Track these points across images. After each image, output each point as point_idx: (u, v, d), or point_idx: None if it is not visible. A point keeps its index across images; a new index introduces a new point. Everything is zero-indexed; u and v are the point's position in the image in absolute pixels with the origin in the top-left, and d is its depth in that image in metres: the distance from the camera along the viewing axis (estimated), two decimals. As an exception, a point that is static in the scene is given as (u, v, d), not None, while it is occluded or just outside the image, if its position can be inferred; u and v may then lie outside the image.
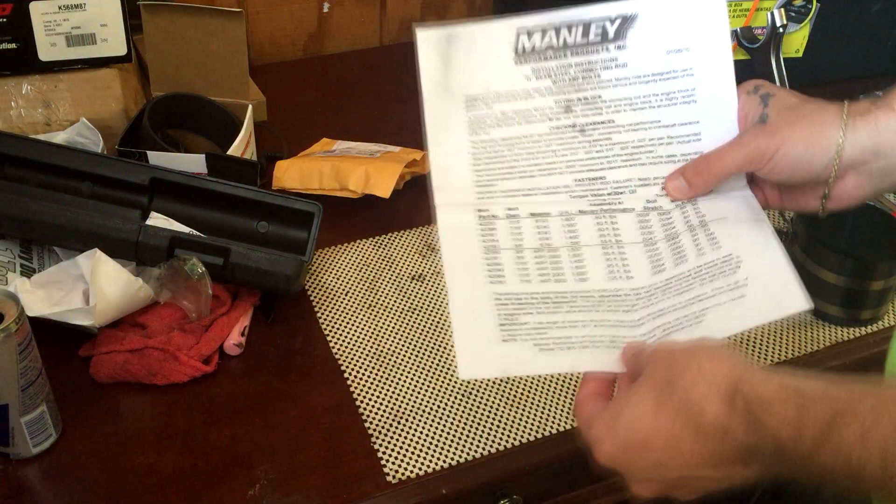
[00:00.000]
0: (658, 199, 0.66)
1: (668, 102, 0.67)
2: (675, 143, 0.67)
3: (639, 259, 0.64)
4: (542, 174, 0.67)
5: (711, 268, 0.63)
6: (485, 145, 0.67)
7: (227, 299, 0.82)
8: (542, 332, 0.61)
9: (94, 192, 0.83)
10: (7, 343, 0.63)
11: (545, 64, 0.68)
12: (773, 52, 1.02)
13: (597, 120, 0.67)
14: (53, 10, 0.92)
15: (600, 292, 0.63)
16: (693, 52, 0.68)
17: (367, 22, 1.36)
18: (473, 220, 0.65)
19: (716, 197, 0.66)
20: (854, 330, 0.85)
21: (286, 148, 1.07)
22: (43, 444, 0.70)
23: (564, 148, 0.67)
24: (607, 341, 0.60)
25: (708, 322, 0.60)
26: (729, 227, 0.64)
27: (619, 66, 0.67)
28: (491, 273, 0.63)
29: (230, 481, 0.69)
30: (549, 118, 0.67)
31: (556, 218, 0.66)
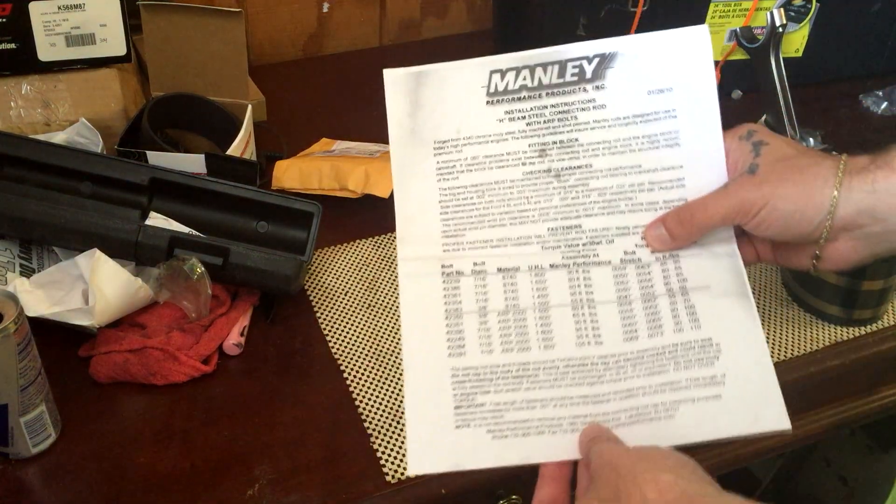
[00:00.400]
0: (637, 251, 0.62)
1: (649, 146, 0.63)
2: (658, 188, 0.63)
3: (611, 321, 0.60)
4: (513, 223, 0.63)
5: (688, 350, 0.58)
6: (454, 192, 0.64)
7: (226, 299, 0.82)
8: (499, 415, 0.57)
9: (93, 192, 0.83)
10: (6, 343, 0.63)
11: (519, 105, 0.65)
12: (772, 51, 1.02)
13: (573, 164, 0.64)
14: (53, 10, 0.92)
15: (566, 361, 0.59)
16: (676, 93, 0.64)
17: (367, 22, 1.35)
18: (437, 278, 0.61)
19: (700, 253, 0.62)
20: (854, 330, 0.85)
21: (286, 148, 1.07)
22: (42, 444, 0.70)
23: (538, 195, 0.63)
24: (566, 423, 0.57)
25: (679, 420, 0.56)
26: (711, 302, 0.60)
27: (598, 107, 0.64)
28: (451, 343, 0.60)
29: (229, 481, 0.69)
30: (523, 163, 0.64)
31: (525, 274, 0.62)
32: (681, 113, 0.64)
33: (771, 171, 0.59)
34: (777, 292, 0.89)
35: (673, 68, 0.64)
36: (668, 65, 0.64)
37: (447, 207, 0.64)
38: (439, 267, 0.62)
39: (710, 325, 0.59)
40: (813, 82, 1.23)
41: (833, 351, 0.83)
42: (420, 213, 0.64)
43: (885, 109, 1.20)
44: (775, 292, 0.89)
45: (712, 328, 0.59)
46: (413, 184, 0.64)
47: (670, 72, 0.64)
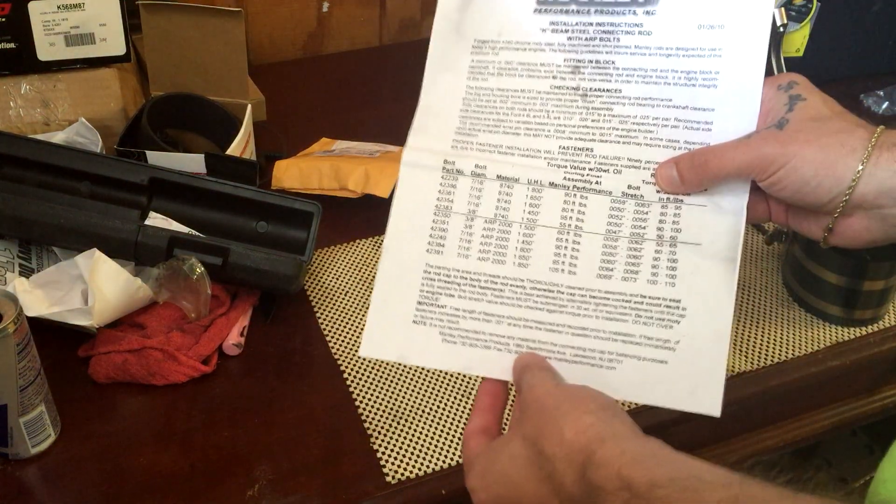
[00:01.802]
0: (642, 186, 0.60)
1: (685, 82, 0.61)
2: (682, 127, 0.61)
3: (590, 254, 0.60)
4: (527, 134, 0.63)
5: (653, 306, 0.58)
6: (479, 93, 0.64)
7: (226, 299, 0.81)
8: (454, 321, 0.59)
9: (92, 191, 0.83)
10: (5, 343, 0.63)
11: (565, 17, 0.63)
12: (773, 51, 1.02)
13: (603, 87, 0.63)
14: (52, 10, 0.92)
15: (534, 283, 0.60)
16: (726, 32, 0.61)
17: (367, 22, 1.35)
18: (437, 172, 0.62)
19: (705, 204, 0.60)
20: (854, 330, 0.85)
21: (285, 148, 1.07)
22: (41, 445, 0.70)
23: (560, 110, 0.63)
24: (513, 344, 0.58)
25: (619, 373, 0.56)
26: (696, 261, 0.59)
27: (643, 33, 0.62)
28: (432, 240, 0.61)
29: (229, 481, 0.68)
30: (554, 76, 0.63)
31: (522, 186, 0.62)
32: (726, 54, 0.62)
33: (799, 130, 0.55)
34: (778, 293, 0.89)
35: (729, 5, 0.62)
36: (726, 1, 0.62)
37: (468, 105, 0.64)
38: (442, 162, 0.62)
39: (684, 286, 0.58)
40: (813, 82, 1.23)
41: (834, 351, 0.83)
42: (441, 106, 0.64)
43: (886, 109, 1.20)
44: (776, 292, 0.89)
45: (685, 289, 0.58)
46: (443, 77, 0.64)
47: (726, 8, 0.62)
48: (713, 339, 0.57)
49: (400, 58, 1.34)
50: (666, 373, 0.57)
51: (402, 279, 0.60)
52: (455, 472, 0.71)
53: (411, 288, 0.60)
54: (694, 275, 0.59)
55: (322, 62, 1.33)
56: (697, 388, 0.56)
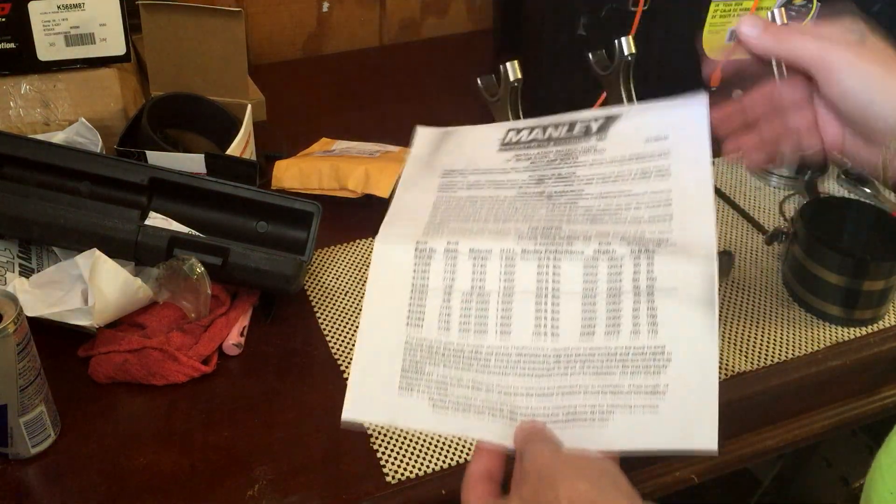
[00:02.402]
0: (612, 245, 0.62)
1: (640, 176, 0.65)
2: (644, 207, 0.64)
3: (571, 315, 0.61)
4: (496, 221, 0.64)
5: (639, 356, 0.59)
6: (449, 200, 0.66)
7: (226, 299, 0.81)
8: (443, 388, 0.59)
9: (92, 191, 0.83)
10: (5, 343, 0.63)
11: (527, 151, 0.68)
12: (773, 51, 1.02)
13: (566, 190, 0.66)
14: (52, 10, 0.92)
15: (519, 350, 0.60)
16: (671, 139, 0.66)
17: (367, 22, 1.35)
18: (410, 253, 0.63)
19: (676, 252, 0.61)
20: (854, 330, 0.85)
21: (285, 148, 1.07)
22: (41, 445, 0.70)
23: (527, 207, 0.65)
24: (507, 411, 0.58)
25: (611, 426, 0.57)
26: (674, 308, 0.60)
27: (598, 151, 0.67)
28: (411, 315, 0.61)
29: (229, 482, 0.68)
30: (520, 187, 0.66)
31: (495, 258, 0.62)
32: (673, 153, 0.65)
33: (876, 47, 0.55)
34: (778, 292, 0.89)
35: (671, 122, 0.66)
36: (667, 120, 0.66)
37: (438, 208, 0.65)
38: (414, 244, 0.63)
39: (667, 333, 0.59)
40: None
41: (834, 351, 0.83)
42: (412, 208, 0.65)
43: (886, 109, 1.20)
44: (776, 292, 0.89)
45: (668, 336, 0.59)
46: (413, 191, 0.66)
47: (668, 125, 0.66)
48: (701, 378, 0.58)
49: (400, 58, 1.34)
50: (658, 418, 0.57)
51: (383, 349, 0.61)
52: (455, 472, 0.71)
53: (393, 357, 0.60)
54: (675, 321, 0.59)
55: (322, 62, 1.33)
56: (691, 427, 0.56)
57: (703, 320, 0.59)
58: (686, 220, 0.63)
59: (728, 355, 0.81)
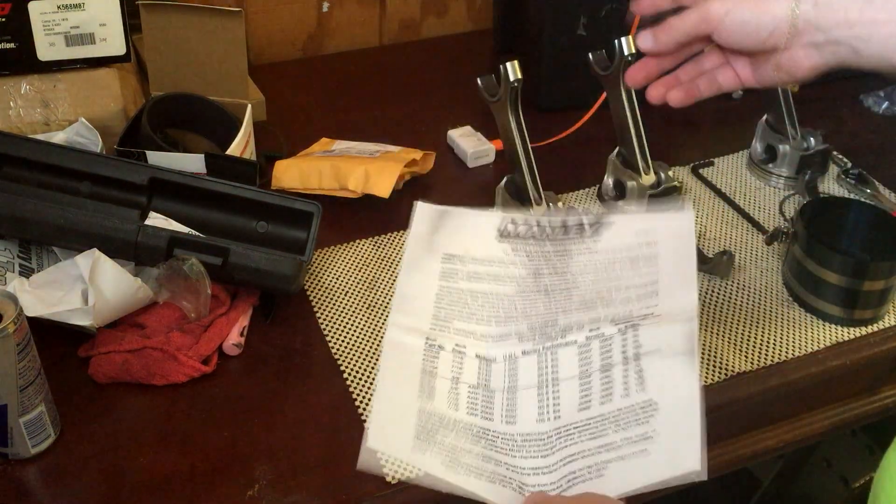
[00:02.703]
0: (601, 326, 0.68)
1: (630, 266, 0.70)
2: (633, 289, 0.69)
3: (569, 396, 0.66)
4: (498, 324, 0.69)
5: (629, 413, 0.65)
6: (451, 291, 0.70)
7: (226, 299, 0.81)
8: (455, 456, 0.63)
9: (92, 192, 0.83)
10: (5, 343, 0.63)
11: (524, 245, 0.72)
12: (773, 51, 1.02)
13: (562, 285, 0.71)
14: (52, 10, 0.92)
15: (524, 436, 0.65)
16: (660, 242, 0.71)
17: (367, 22, 1.35)
18: (420, 344, 0.67)
19: (660, 322, 0.67)
20: (854, 330, 0.85)
21: (285, 148, 1.07)
22: (41, 445, 0.70)
23: (525, 304, 0.70)
24: (515, 485, 0.62)
25: (607, 478, 0.62)
26: (659, 364, 0.66)
27: (591, 251, 0.71)
28: (422, 390, 0.65)
29: (229, 482, 0.68)
30: (518, 283, 0.71)
31: (500, 363, 0.68)
32: (661, 251, 0.71)
33: None
34: (778, 293, 0.89)
35: (659, 227, 0.72)
36: (656, 226, 0.72)
37: (441, 300, 0.70)
38: (424, 338, 0.68)
39: (654, 387, 0.66)
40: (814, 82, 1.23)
41: (834, 351, 0.83)
42: (417, 296, 0.70)
43: (886, 109, 1.20)
44: (776, 293, 0.89)
45: (655, 390, 0.65)
46: (417, 276, 0.70)
47: (657, 230, 0.72)
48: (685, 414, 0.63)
49: (400, 58, 1.34)
50: (649, 459, 0.63)
51: (396, 415, 0.64)
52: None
53: (406, 423, 0.64)
54: (659, 374, 0.66)
55: (322, 62, 1.33)
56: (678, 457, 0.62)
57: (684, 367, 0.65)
58: (671, 293, 0.69)
59: (728, 355, 0.81)
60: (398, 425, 0.63)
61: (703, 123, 1.19)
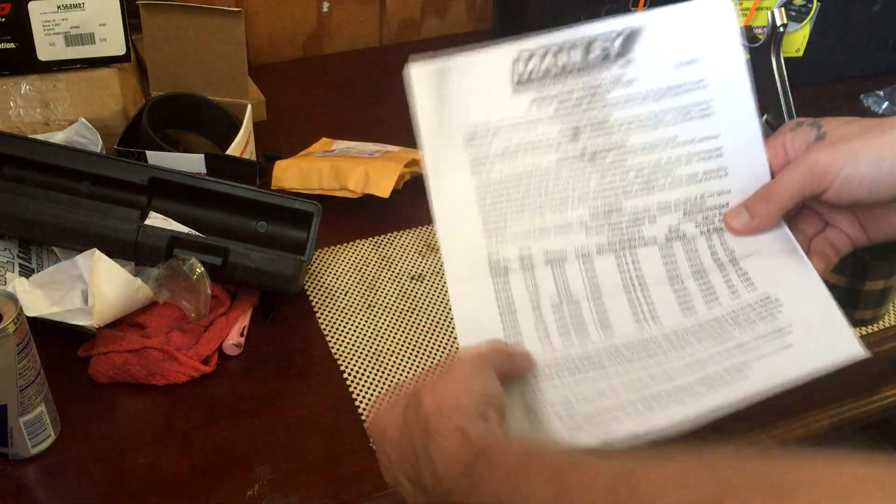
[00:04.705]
0: (682, 226, 0.62)
1: (683, 118, 0.63)
2: (696, 160, 0.62)
3: (665, 299, 0.59)
4: (553, 211, 0.62)
5: (749, 311, 0.58)
6: (489, 188, 0.63)
7: (226, 299, 0.81)
8: (570, 410, 0.56)
9: (92, 191, 0.83)
10: (6, 343, 0.63)
11: (546, 90, 0.63)
12: (773, 51, 1.02)
13: (607, 144, 0.63)
14: (52, 10, 0.92)
15: (627, 343, 0.58)
16: (704, 62, 0.63)
17: (367, 22, 1.35)
18: (487, 280, 0.61)
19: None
20: (855, 330, 0.85)
21: (285, 148, 1.07)
22: (41, 445, 0.70)
23: (575, 179, 0.62)
24: (640, 405, 0.55)
25: (753, 375, 0.55)
26: (763, 263, 0.59)
27: (627, 83, 0.63)
28: (510, 342, 0.58)
29: (229, 482, 0.68)
30: (556, 147, 0.63)
31: (573, 263, 0.61)
32: (711, 82, 0.63)
33: (842, 132, 0.55)
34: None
35: (699, 38, 0.63)
36: (694, 35, 0.63)
37: (485, 202, 0.63)
38: (487, 267, 0.61)
39: (766, 284, 0.59)
40: (813, 82, 1.23)
41: (834, 351, 0.83)
42: (458, 211, 0.63)
43: (886, 109, 1.20)
44: (776, 292, 0.89)
45: (769, 286, 0.59)
46: (447, 183, 0.63)
47: (697, 42, 0.63)
48: (820, 306, 0.57)
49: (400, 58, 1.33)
50: (795, 351, 0.56)
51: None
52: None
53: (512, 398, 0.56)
54: (768, 273, 0.59)
55: (322, 62, 1.33)
56: (833, 343, 0.56)
57: (795, 263, 0.59)
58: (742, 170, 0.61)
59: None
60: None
61: (703, 123, 1.19)
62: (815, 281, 0.59)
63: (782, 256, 0.60)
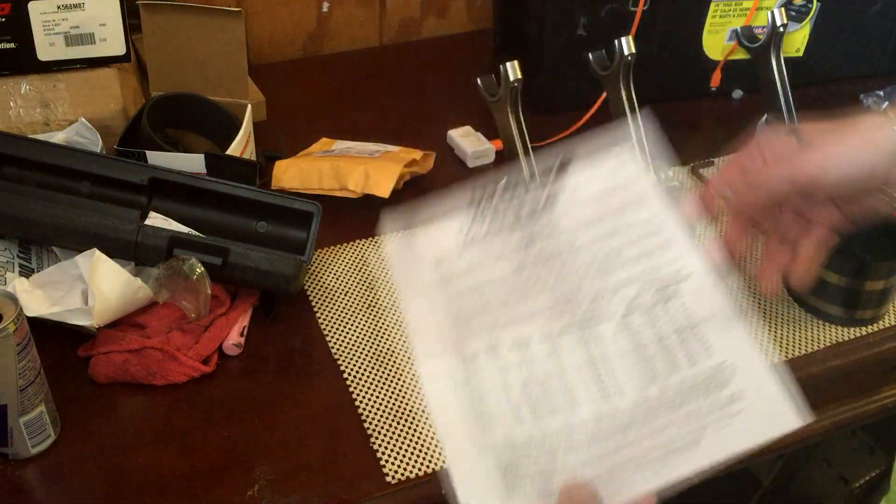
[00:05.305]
0: (639, 298, 0.65)
1: (619, 210, 0.67)
2: (643, 240, 0.66)
3: (631, 370, 0.63)
4: (515, 305, 0.66)
5: (706, 379, 0.62)
6: (456, 292, 0.67)
7: (226, 299, 0.81)
8: (547, 480, 0.60)
9: (92, 192, 0.83)
10: (5, 343, 0.63)
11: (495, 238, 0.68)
12: (773, 51, 1.02)
13: (558, 245, 0.67)
14: (52, 10, 0.92)
15: (596, 416, 0.61)
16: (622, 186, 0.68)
17: (367, 22, 1.35)
18: (456, 366, 0.64)
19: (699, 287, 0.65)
20: (854, 330, 0.85)
21: (285, 148, 1.07)
22: (41, 445, 0.70)
23: (534, 278, 0.66)
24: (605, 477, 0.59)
25: (706, 442, 0.59)
26: (717, 328, 0.63)
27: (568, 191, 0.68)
28: (484, 421, 0.62)
29: (229, 482, 0.68)
30: (512, 255, 0.67)
31: (538, 344, 0.64)
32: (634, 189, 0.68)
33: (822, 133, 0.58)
34: (778, 292, 0.89)
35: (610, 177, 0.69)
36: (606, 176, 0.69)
37: (452, 304, 0.67)
38: (456, 355, 0.64)
39: (722, 350, 0.62)
40: (813, 82, 1.23)
41: (834, 351, 0.83)
42: (429, 316, 0.66)
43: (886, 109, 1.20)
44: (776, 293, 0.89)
45: (724, 352, 0.62)
46: (418, 299, 0.67)
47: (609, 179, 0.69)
48: (765, 371, 0.60)
49: (400, 58, 1.34)
50: (746, 418, 0.59)
51: (475, 462, 0.61)
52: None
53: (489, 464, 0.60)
54: (722, 338, 0.63)
55: (322, 62, 1.33)
56: (777, 413, 0.59)
57: (742, 328, 0.62)
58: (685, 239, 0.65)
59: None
60: (482, 473, 0.60)
61: (703, 123, 1.19)
62: (757, 350, 0.62)
63: (732, 320, 0.63)
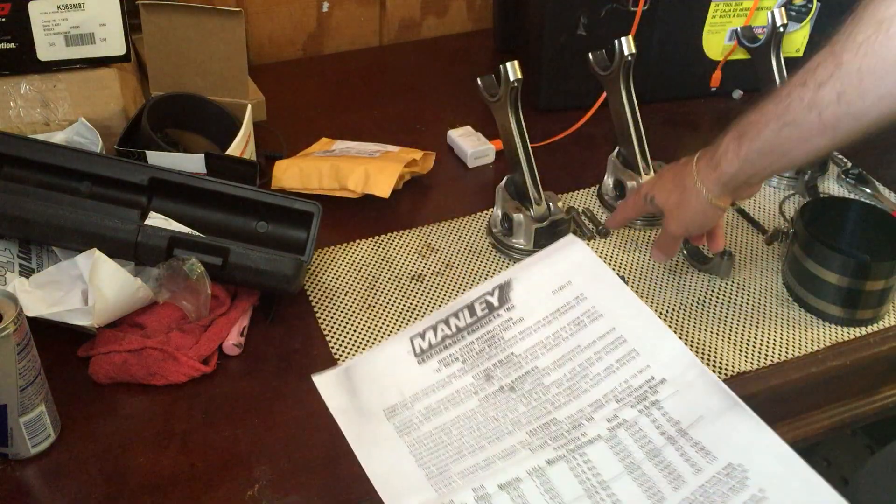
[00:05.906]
0: (619, 413, 0.64)
1: (577, 329, 0.68)
2: (606, 355, 0.66)
3: (630, 492, 0.60)
4: (491, 442, 0.64)
5: (717, 485, 0.58)
6: (420, 441, 0.66)
7: (226, 299, 0.81)
8: None
9: (92, 192, 0.83)
10: (6, 343, 0.63)
11: (448, 351, 0.69)
12: (773, 51, 1.02)
13: (520, 374, 0.67)
14: (52, 10, 0.92)
15: None
16: (575, 283, 0.70)
17: (367, 22, 1.35)
18: None
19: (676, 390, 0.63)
20: (854, 330, 0.85)
21: (285, 148, 1.07)
22: (41, 445, 0.70)
23: (502, 411, 0.66)
24: None
25: None
26: (712, 429, 0.61)
27: (517, 321, 0.69)
28: None
29: (229, 482, 0.68)
30: (475, 392, 0.67)
31: (527, 481, 0.61)
32: (589, 294, 0.70)
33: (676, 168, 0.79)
34: (778, 293, 0.89)
35: (563, 268, 0.70)
36: (558, 268, 0.71)
37: (420, 455, 0.66)
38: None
39: (724, 451, 0.60)
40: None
41: (834, 351, 0.83)
42: (394, 470, 0.65)
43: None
44: (776, 293, 0.89)
45: (727, 453, 0.60)
46: (377, 452, 0.66)
47: (564, 270, 0.71)
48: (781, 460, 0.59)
49: (400, 58, 1.34)
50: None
51: None
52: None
53: None
54: (721, 439, 0.60)
55: (322, 62, 1.33)
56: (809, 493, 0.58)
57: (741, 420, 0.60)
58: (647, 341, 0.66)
59: (728, 355, 0.81)
60: None
61: (703, 123, 1.19)
62: (769, 436, 0.60)
63: (728, 415, 0.61)
